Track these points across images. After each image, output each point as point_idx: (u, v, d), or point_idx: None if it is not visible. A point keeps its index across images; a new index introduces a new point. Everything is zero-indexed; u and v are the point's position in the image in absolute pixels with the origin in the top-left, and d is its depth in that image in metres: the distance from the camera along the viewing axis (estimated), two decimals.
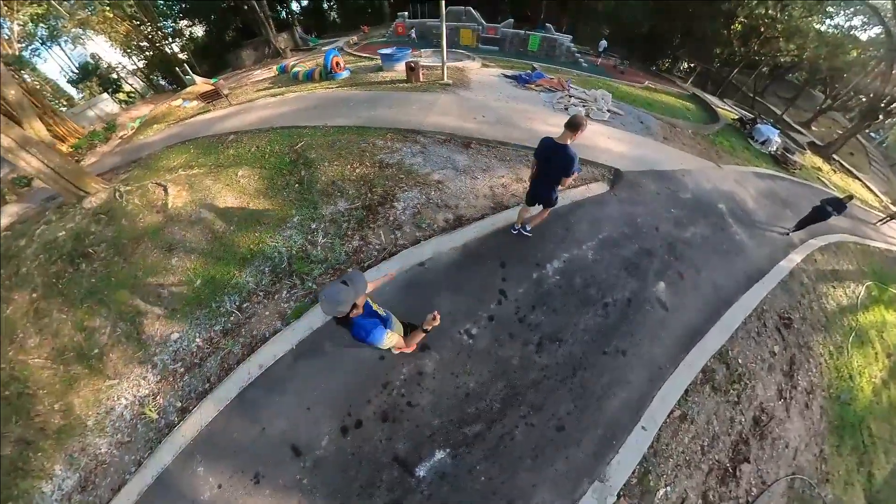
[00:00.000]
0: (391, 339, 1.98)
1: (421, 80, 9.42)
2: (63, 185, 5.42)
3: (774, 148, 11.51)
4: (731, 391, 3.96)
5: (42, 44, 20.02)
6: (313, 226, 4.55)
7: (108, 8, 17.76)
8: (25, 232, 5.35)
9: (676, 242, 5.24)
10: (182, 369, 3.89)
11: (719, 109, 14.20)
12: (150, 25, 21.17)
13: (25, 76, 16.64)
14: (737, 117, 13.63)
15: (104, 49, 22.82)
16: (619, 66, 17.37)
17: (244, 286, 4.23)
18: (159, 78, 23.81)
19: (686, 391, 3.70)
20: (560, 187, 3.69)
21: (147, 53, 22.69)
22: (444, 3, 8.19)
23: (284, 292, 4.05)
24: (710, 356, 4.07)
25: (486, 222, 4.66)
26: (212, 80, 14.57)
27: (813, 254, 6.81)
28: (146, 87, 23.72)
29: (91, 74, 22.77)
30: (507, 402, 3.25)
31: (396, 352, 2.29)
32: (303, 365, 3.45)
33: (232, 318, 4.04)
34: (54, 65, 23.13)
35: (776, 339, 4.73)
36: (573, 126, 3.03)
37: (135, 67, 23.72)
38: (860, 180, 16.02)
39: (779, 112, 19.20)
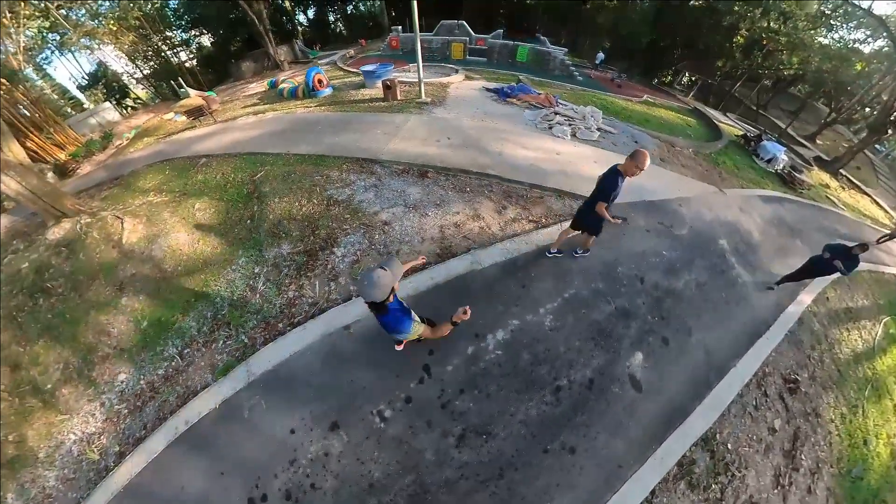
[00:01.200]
0: (418, 328, 2.21)
1: (398, 98, 9.22)
2: (42, 206, 5.56)
3: (781, 166, 10.94)
4: (714, 486, 3.35)
5: (52, 52, 20.59)
6: (256, 269, 4.50)
7: (112, 21, 18.21)
8: None
9: (665, 297, 4.47)
10: (126, 411, 3.94)
11: (722, 125, 13.64)
12: (157, 36, 21.66)
13: (37, 80, 17.28)
14: (741, 134, 13.12)
15: (112, 57, 23.37)
16: (616, 80, 16.99)
17: (187, 331, 4.23)
18: (164, 86, 24.29)
19: (653, 491, 3.14)
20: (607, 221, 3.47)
21: (152, 63, 23.22)
22: (416, 15, 7.78)
23: (220, 342, 4.02)
24: (690, 444, 3.46)
25: (423, 276, 4.12)
26: (207, 93, 14.75)
27: (825, 291, 6.04)
28: (153, 94, 24.21)
29: (99, 81, 23.37)
30: (413, 499, 2.94)
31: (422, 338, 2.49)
32: (222, 426, 3.40)
33: (173, 364, 4.06)
34: (64, 71, 23.80)
35: (778, 410, 4.12)
36: (631, 157, 2.97)
37: (141, 76, 24.25)
38: (869, 196, 15.48)
39: (783, 125, 18.71)
